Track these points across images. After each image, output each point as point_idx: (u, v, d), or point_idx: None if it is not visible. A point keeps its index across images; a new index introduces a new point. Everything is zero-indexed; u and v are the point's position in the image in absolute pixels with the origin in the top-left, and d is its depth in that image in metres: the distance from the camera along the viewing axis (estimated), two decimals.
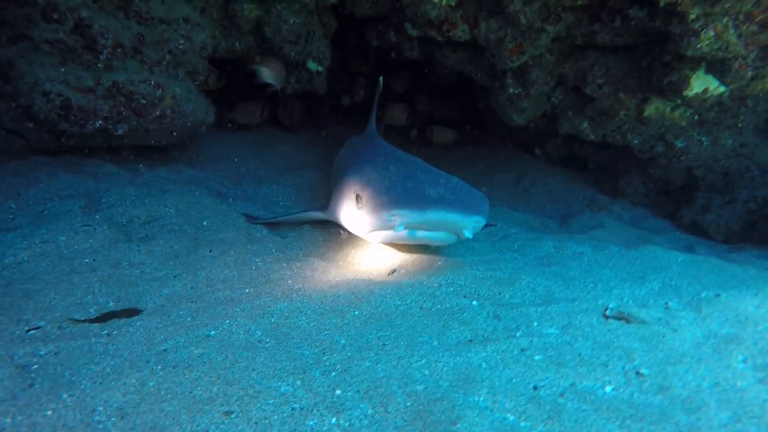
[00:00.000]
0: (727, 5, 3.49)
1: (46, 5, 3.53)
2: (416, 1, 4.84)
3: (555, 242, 3.63)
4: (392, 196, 2.63)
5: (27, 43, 3.59)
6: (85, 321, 2.25)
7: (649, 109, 4.90)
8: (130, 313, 2.37)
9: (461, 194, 2.76)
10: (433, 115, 7.90)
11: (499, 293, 2.63)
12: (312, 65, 5.52)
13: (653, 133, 5.06)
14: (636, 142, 5.14)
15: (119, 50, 3.73)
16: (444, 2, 4.77)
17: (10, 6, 3.53)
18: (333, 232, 3.58)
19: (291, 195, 4.58)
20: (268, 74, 5.25)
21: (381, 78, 5.30)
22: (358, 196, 2.81)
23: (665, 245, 4.00)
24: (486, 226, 3.33)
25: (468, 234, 2.72)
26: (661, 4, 3.65)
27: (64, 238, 2.98)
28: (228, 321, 2.11)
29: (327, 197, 4.32)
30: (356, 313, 2.26)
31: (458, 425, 1.42)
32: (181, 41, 4.08)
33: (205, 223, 3.40)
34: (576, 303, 2.43)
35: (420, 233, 2.68)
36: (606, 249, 3.55)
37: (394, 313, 2.28)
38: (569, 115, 5.46)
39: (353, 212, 2.89)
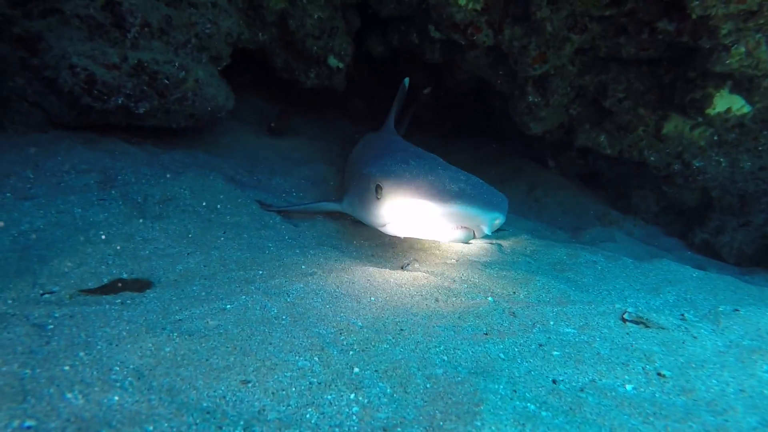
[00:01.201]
0: (761, 21, 3.45)
1: None
2: (442, 2, 4.83)
3: (568, 249, 3.60)
4: (414, 188, 2.61)
5: (57, 17, 3.61)
6: (97, 290, 2.24)
7: (668, 127, 4.87)
8: (143, 285, 2.37)
9: (482, 190, 2.74)
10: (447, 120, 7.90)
11: (514, 292, 2.60)
12: (333, 61, 5.52)
13: (671, 151, 5.02)
14: (653, 159, 5.11)
15: (146, 30, 3.74)
16: (470, 6, 4.77)
17: None
18: (346, 224, 3.57)
19: (304, 186, 4.58)
20: None
21: (406, 79, 5.26)
22: (378, 187, 2.78)
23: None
24: (497, 230, 3.30)
25: (487, 230, 2.70)
26: (693, 16, 3.62)
27: (80, 210, 2.99)
28: (244, 297, 2.09)
29: (340, 191, 4.32)
30: (372, 299, 2.24)
31: (482, 407, 1.39)
32: (208, 26, 4.09)
33: (218, 206, 3.40)
34: (592, 306, 2.40)
35: (439, 227, 2.65)
36: (620, 260, 3.51)
37: (409, 302, 2.26)
38: (586, 128, 5.44)
39: (372, 203, 2.87)
